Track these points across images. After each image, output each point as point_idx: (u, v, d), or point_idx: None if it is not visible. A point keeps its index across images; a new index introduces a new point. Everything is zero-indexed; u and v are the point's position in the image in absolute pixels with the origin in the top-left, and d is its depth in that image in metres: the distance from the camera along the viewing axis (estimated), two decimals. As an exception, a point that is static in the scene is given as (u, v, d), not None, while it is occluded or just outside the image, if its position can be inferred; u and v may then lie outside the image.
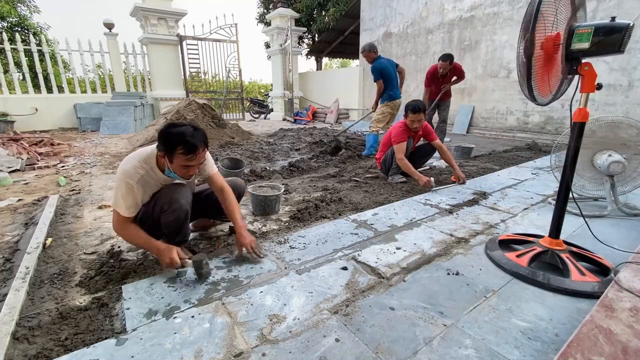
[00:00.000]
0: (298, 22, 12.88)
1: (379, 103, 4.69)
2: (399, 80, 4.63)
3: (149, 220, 1.67)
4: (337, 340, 1.18)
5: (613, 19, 1.34)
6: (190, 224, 2.04)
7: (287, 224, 2.28)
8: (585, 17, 1.50)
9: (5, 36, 8.06)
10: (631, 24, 1.30)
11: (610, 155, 2.27)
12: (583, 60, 1.41)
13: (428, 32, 8.38)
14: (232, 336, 1.20)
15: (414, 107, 3.10)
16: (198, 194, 1.98)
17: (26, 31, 12.69)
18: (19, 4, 13.54)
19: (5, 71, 8.63)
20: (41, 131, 7.98)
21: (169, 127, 1.53)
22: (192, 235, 2.11)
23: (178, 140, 1.47)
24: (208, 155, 1.77)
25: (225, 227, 2.23)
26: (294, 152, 5.19)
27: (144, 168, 1.58)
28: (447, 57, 4.73)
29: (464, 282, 1.55)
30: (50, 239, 2.02)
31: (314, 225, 2.24)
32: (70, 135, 7.56)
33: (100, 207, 2.66)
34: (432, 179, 3.05)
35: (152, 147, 1.63)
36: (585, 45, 1.34)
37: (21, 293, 1.42)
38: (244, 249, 1.73)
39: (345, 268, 1.67)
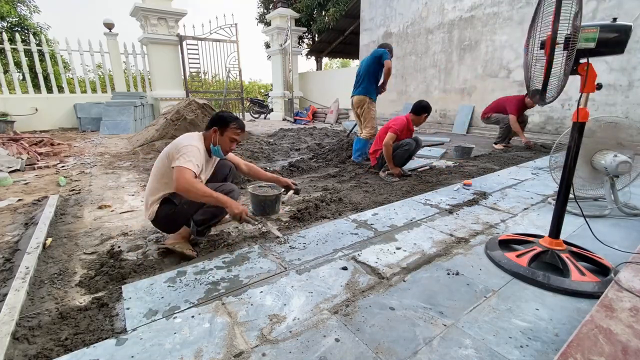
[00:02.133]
0: (298, 22, 12.88)
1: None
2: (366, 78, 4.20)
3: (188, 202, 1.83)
4: (337, 340, 1.18)
5: (614, 19, 1.35)
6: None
7: (287, 224, 2.28)
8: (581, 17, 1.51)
9: (5, 36, 8.05)
10: (631, 26, 1.32)
11: (616, 156, 2.27)
12: (582, 61, 1.41)
13: (428, 32, 8.37)
14: (232, 336, 1.20)
15: (429, 108, 3.42)
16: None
17: (26, 31, 12.69)
18: (19, 4, 13.54)
19: (5, 71, 8.63)
20: (41, 131, 7.98)
21: (223, 112, 1.99)
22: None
23: (233, 118, 1.94)
24: None
25: (226, 227, 2.23)
26: (294, 152, 5.19)
27: (198, 143, 1.89)
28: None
29: (464, 282, 1.55)
30: (50, 239, 2.02)
31: (314, 225, 2.24)
32: (70, 135, 7.56)
33: (100, 207, 2.66)
34: (400, 171, 3.50)
35: (199, 133, 1.99)
36: (592, 45, 1.35)
37: (21, 293, 1.42)
38: (295, 188, 2.32)
39: (345, 268, 1.67)
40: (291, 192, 2.35)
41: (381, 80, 4.14)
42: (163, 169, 1.83)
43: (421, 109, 3.44)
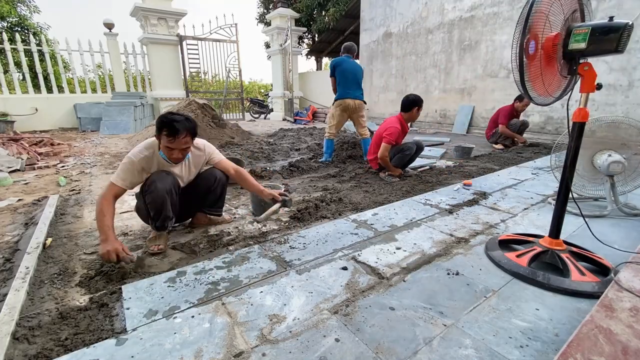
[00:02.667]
0: (298, 22, 12.89)
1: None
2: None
3: (142, 199, 1.90)
4: (337, 340, 1.18)
5: (611, 18, 1.34)
6: (189, 221, 2.28)
7: (287, 224, 2.28)
8: (590, 16, 1.50)
9: (5, 36, 8.05)
10: (630, 23, 1.29)
11: (610, 155, 2.27)
12: (581, 61, 1.41)
13: (428, 32, 8.37)
14: (232, 336, 1.20)
15: (419, 100, 3.33)
16: (189, 184, 2.12)
17: (26, 31, 12.70)
18: (19, 4, 13.54)
19: (5, 71, 8.63)
20: (41, 131, 7.98)
21: (166, 114, 1.82)
22: (191, 237, 2.11)
23: (164, 123, 1.75)
24: (212, 147, 2.14)
25: (226, 227, 2.23)
26: (294, 152, 5.19)
27: (148, 150, 1.88)
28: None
29: (464, 282, 1.55)
30: (50, 239, 2.02)
31: (314, 225, 2.24)
32: (70, 135, 7.56)
33: (100, 207, 2.66)
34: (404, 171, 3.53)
35: (153, 137, 1.90)
36: (582, 45, 1.34)
37: (21, 293, 1.42)
38: (282, 198, 2.10)
39: (345, 268, 1.67)
40: (277, 205, 2.07)
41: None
42: None
43: (410, 104, 3.33)
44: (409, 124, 3.52)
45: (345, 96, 4.12)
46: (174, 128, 1.73)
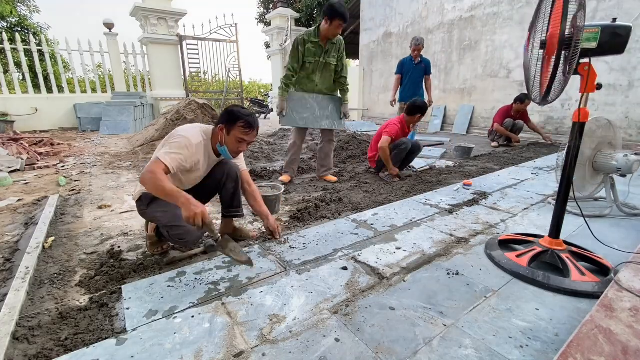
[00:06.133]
0: (298, 22, 12.87)
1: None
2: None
3: (165, 230, 1.68)
4: (337, 340, 1.18)
5: (614, 20, 1.35)
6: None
7: (287, 224, 2.28)
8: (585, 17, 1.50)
9: (5, 36, 8.05)
10: (630, 26, 1.32)
11: (626, 155, 2.28)
12: (581, 61, 1.41)
13: (428, 32, 8.37)
14: (232, 336, 1.20)
15: (424, 107, 3.40)
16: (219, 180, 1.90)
17: (26, 31, 12.69)
18: (19, 4, 13.54)
19: (5, 71, 8.62)
20: (41, 131, 7.98)
21: (233, 107, 1.73)
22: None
23: (241, 115, 1.67)
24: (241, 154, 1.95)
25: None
26: (294, 152, 5.18)
27: (204, 138, 1.73)
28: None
29: (464, 282, 1.55)
30: (52, 239, 2.02)
31: (314, 225, 2.24)
32: (70, 135, 7.55)
33: (100, 207, 2.66)
34: (402, 172, 3.54)
35: (209, 125, 1.79)
36: (593, 44, 1.35)
37: (21, 293, 1.42)
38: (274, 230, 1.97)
39: (345, 268, 1.67)
40: (263, 229, 1.98)
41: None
42: None
43: (415, 109, 3.39)
44: (410, 127, 3.58)
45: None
46: (251, 121, 1.68)
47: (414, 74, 4.85)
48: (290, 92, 3.19)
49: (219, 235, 1.67)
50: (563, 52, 1.33)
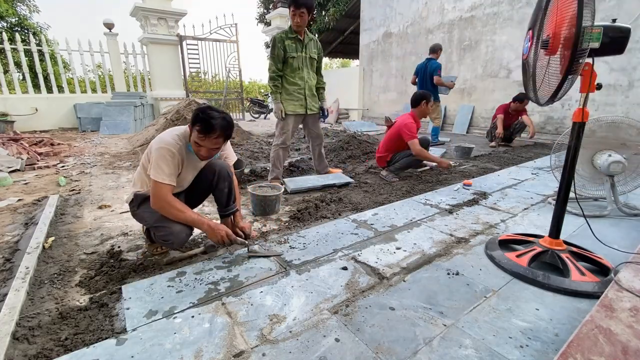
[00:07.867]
0: (298, 22, 12.85)
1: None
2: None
3: (152, 231, 1.76)
4: (337, 340, 1.18)
5: (614, 20, 1.36)
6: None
7: (287, 224, 2.28)
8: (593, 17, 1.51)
9: (5, 36, 8.05)
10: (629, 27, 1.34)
11: (610, 156, 2.27)
12: (582, 61, 1.41)
13: (428, 32, 8.37)
14: (232, 336, 1.20)
15: (426, 94, 3.48)
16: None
17: (26, 31, 12.69)
18: (18, 4, 13.54)
19: (5, 71, 8.63)
20: (41, 131, 7.98)
21: (204, 107, 1.64)
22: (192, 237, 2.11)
23: (200, 118, 1.58)
24: (229, 147, 1.99)
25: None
26: (294, 152, 5.19)
27: (181, 142, 1.68)
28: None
29: (464, 282, 1.55)
30: (52, 239, 2.02)
31: (314, 225, 2.24)
32: (70, 135, 7.55)
33: (100, 207, 2.66)
34: (451, 162, 3.53)
35: (186, 126, 1.73)
36: (596, 45, 1.35)
37: (21, 293, 1.42)
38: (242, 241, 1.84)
39: (345, 268, 1.67)
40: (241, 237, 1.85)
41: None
42: (142, 170, 1.73)
43: (418, 98, 3.46)
44: (421, 120, 3.61)
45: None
46: (208, 125, 1.56)
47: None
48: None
49: (247, 242, 1.80)
50: (571, 53, 1.33)
